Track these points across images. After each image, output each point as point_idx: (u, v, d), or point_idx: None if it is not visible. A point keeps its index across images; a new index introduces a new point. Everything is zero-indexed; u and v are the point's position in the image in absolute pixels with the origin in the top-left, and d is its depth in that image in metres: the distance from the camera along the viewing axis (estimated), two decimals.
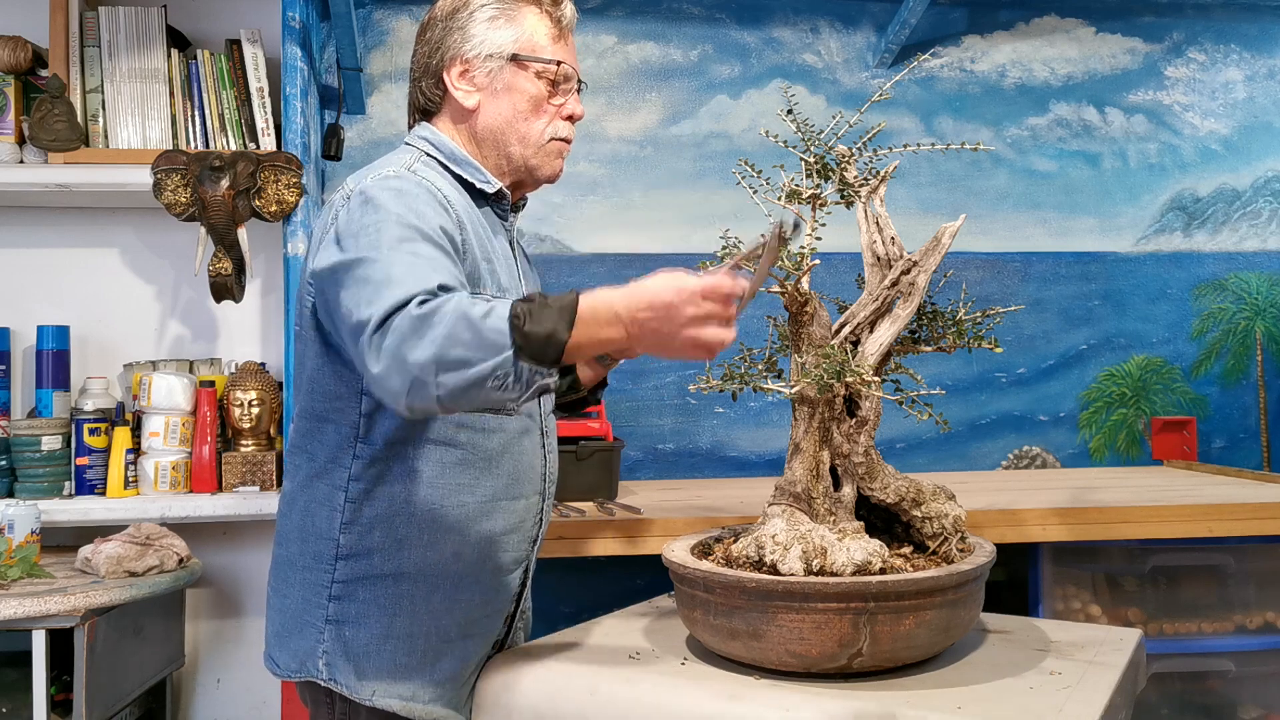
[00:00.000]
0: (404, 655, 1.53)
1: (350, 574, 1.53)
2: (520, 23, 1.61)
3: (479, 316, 1.26)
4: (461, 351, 1.25)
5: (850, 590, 1.43)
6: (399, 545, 1.53)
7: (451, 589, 1.55)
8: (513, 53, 1.60)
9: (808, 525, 1.55)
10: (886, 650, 1.45)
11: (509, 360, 1.25)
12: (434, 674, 1.54)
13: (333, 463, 1.54)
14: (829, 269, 3.16)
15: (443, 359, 1.25)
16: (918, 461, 3.10)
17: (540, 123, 1.61)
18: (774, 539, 1.53)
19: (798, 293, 1.60)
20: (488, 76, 1.60)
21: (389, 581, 1.53)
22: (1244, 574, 2.40)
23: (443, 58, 1.61)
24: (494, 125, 1.61)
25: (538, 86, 1.61)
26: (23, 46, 2.62)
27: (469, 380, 1.26)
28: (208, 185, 2.48)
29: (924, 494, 1.64)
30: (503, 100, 1.60)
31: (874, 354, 1.64)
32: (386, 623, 1.53)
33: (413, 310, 1.27)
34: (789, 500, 1.61)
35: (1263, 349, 3.30)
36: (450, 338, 1.25)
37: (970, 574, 1.50)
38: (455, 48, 1.60)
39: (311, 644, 1.54)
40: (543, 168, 1.64)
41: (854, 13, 3.20)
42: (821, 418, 1.62)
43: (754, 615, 1.47)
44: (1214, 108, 3.34)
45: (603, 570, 2.00)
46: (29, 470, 2.52)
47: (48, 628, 2.11)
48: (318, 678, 1.53)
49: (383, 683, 1.52)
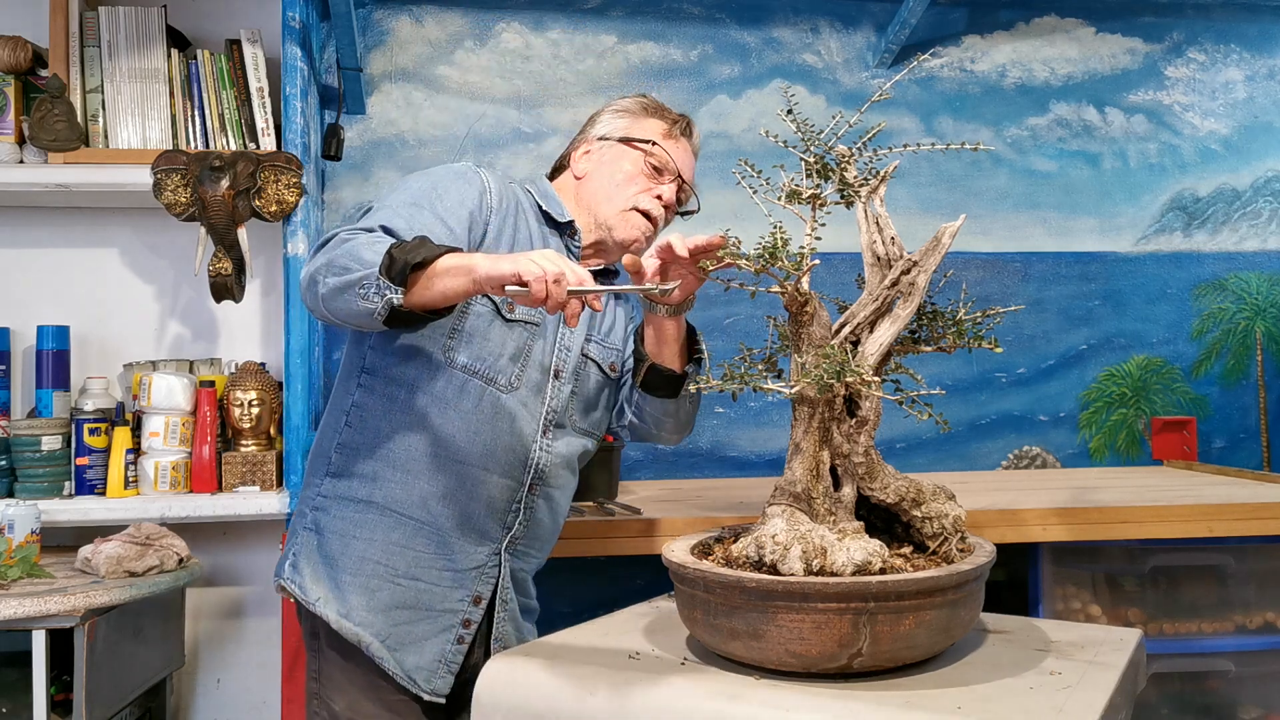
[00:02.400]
0: (350, 574, 1.69)
1: (332, 490, 1.73)
2: (640, 122, 1.88)
3: (370, 240, 1.50)
4: (348, 261, 1.49)
5: (850, 590, 1.42)
6: (375, 477, 1.70)
7: (411, 533, 1.70)
8: (622, 136, 1.86)
9: (808, 525, 1.55)
10: (886, 650, 1.45)
11: (373, 274, 1.46)
12: (372, 600, 1.68)
13: (343, 388, 1.76)
14: (829, 269, 3.17)
15: (333, 264, 1.51)
16: (918, 461, 3.10)
17: (630, 190, 1.83)
18: (774, 539, 1.53)
19: (798, 293, 1.60)
20: (599, 151, 1.87)
21: (360, 506, 1.71)
22: (1244, 574, 2.40)
23: (578, 142, 1.91)
24: (592, 188, 1.85)
25: (635, 163, 1.84)
26: (23, 46, 2.62)
27: (343, 283, 1.49)
28: (208, 185, 2.48)
29: (924, 494, 1.64)
30: (605, 169, 1.85)
31: (874, 354, 1.64)
32: (345, 542, 1.70)
33: (343, 232, 1.55)
34: (789, 500, 1.61)
35: (1263, 349, 3.30)
36: (348, 252, 1.50)
37: (970, 574, 1.50)
38: (586, 133, 1.91)
39: (294, 548, 1.75)
40: (619, 229, 1.82)
41: (854, 13, 3.20)
42: (821, 418, 1.62)
43: (754, 615, 1.47)
44: (1214, 108, 3.34)
45: (603, 570, 2.00)
46: (29, 470, 2.52)
47: (48, 628, 2.11)
48: (281, 577, 1.74)
49: (326, 592, 1.70)
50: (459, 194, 1.71)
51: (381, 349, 1.72)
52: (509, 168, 3.03)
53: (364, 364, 1.74)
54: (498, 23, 3.08)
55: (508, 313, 1.72)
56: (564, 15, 3.10)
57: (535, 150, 3.06)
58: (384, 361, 1.72)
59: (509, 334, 1.72)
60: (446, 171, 1.75)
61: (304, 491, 1.79)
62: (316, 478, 1.76)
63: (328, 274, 1.51)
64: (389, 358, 1.71)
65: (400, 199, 1.67)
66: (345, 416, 1.74)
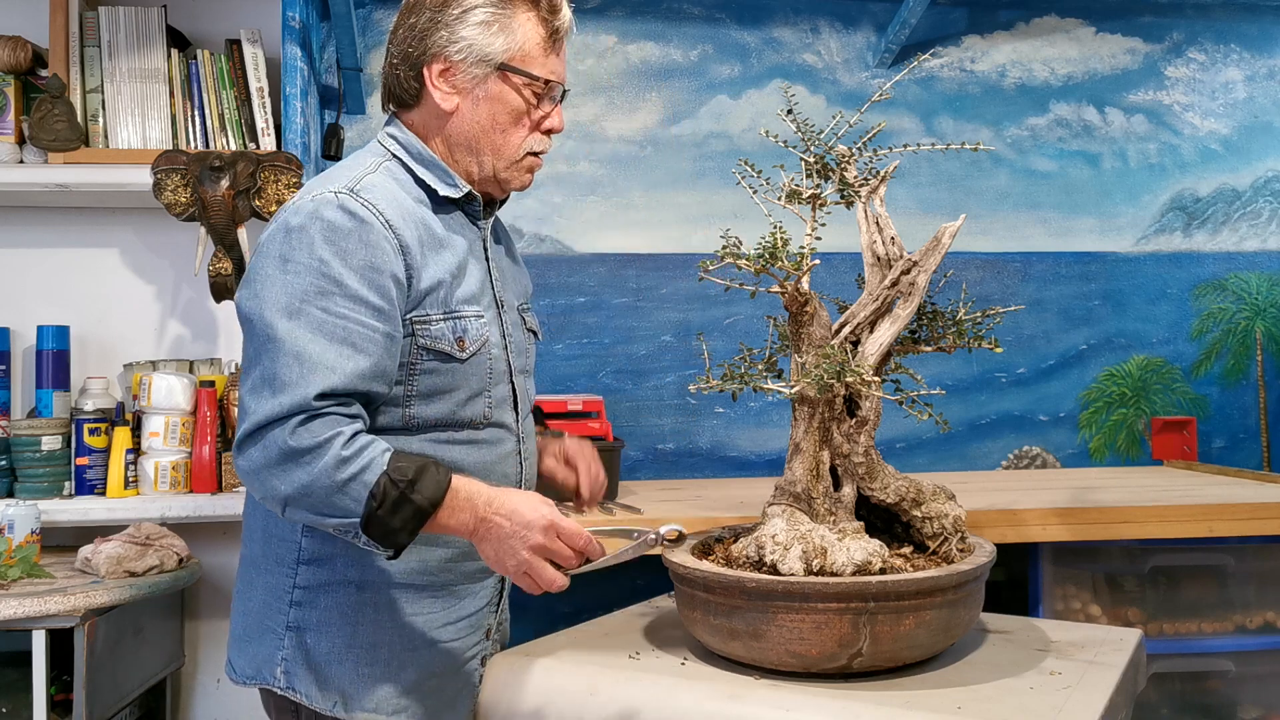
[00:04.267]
0: (367, 665, 1.49)
1: (312, 580, 1.49)
2: (514, 30, 1.51)
3: (344, 480, 1.31)
4: (314, 503, 1.32)
5: (850, 590, 1.43)
6: (362, 552, 1.47)
7: (415, 598, 1.52)
8: (501, 62, 1.51)
9: (808, 525, 1.55)
10: (887, 650, 1.45)
11: (355, 525, 1.33)
12: (399, 683, 1.50)
13: None
14: (829, 269, 3.16)
15: (295, 501, 1.33)
16: (918, 461, 3.10)
17: (518, 136, 1.55)
18: (774, 539, 1.53)
19: (798, 293, 1.60)
20: (470, 81, 1.52)
21: (352, 589, 1.49)
22: (1244, 574, 2.40)
23: (425, 51, 1.52)
24: (469, 132, 1.54)
25: (521, 100, 1.53)
26: (23, 46, 2.62)
27: (313, 523, 1.35)
28: (208, 185, 2.48)
29: (924, 494, 1.64)
30: (482, 108, 1.53)
31: (874, 354, 1.65)
32: (350, 631, 1.49)
33: (288, 439, 1.31)
34: (789, 500, 1.61)
35: (1263, 349, 3.30)
36: (309, 489, 1.31)
37: (970, 574, 1.50)
38: (440, 46, 1.51)
39: (270, 650, 1.50)
40: (513, 181, 1.59)
41: (854, 13, 3.20)
42: (821, 418, 1.62)
43: (754, 615, 1.47)
44: (1214, 108, 3.34)
45: (602, 570, 2.01)
46: (29, 470, 2.52)
47: (48, 628, 2.11)
48: (274, 686, 1.49)
49: (346, 693, 1.48)
50: (362, 264, 1.40)
51: None
52: None
53: None
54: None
55: (459, 351, 1.49)
56: None
57: None
58: None
59: (469, 370, 1.51)
60: (325, 243, 1.39)
61: (260, 579, 1.52)
62: (283, 567, 1.50)
63: (291, 506, 1.34)
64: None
65: (301, 331, 1.36)
66: None
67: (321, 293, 1.37)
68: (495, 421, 1.55)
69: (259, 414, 1.33)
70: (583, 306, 3.06)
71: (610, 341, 3.05)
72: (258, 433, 1.33)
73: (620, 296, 3.07)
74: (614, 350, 3.06)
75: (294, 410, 1.32)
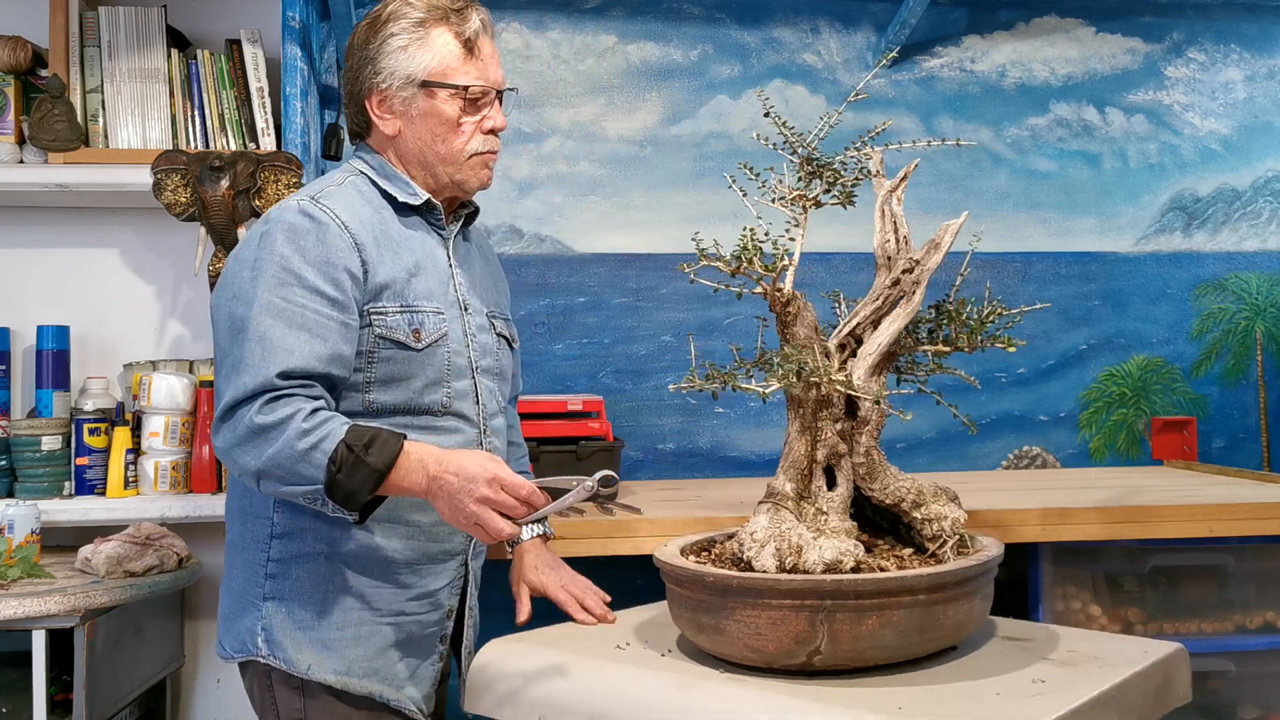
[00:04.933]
0: (336, 630, 1.61)
1: (284, 552, 1.62)
2: (430, 47, 1.65)
3: (305, 449, 1.44)
4: (282, 473, 1.46)
5: (804, 587, 1.43)
6: (330, 525, 1.60)
7: (381, 571, 1.63)
8: (423, 80, 1.65)
9: (789, 524, 1.56)
10: (848, 650, 1.45)
11: (319, 491, 1.46)
12: (366, 649, 1.62)
13: None
14: (829, 269, 3.17)
15: (266, 473, 1.47)
16: (918, 461, 3.10)
17: (459, 142, 1.68)
18: (752, 536, 1.55)
19: (779, 293, 1.62)
20: (404, 104, 1.67)
21: (321, 560, 1.61)
22: (1244, 574, 2.40)
23: (361, 87, 1.68)
24: (415, 149, 1.69)
25: (452, 108, 1.66)
26: (23, 46, 2.62)
27: (284, 493, 1.49)
28: (208, 185, 2.48)
29: (924, 496, 1.63)
30: (419, 125, 1.67)
31: (872, 353, 1.65)
32: (320, 599, 1.61)
33: (254, 417, 1.46)
34: (777, 499, 1.62)
35: (1263, 349, 3.30)
36: (275, 460, 1.45)
37: (946, 577, 1.47)
38: (371, 79, 1.67)
39: (251, 623, 1.62)
40: (469, 181, 1.71)
41: (854, 13, 3.20)
42: (813, 417, 1.63)
43: (716, 610, 1.49)
44: (1214, 108, 3.34)
45: (603, 570, 2.01)
46: (29, 470, 2.52)
47: (48, 628, 2.11)
48: (257, 655, 1.61)
49: (317, 656, 1.60)
50: (318, 259, 1.55)
51: None
52: (508, 168, 3.03)
53: None
54: (498, 22, 3.08)
55: (415, 342, 1.63)
56: (564, 15, 3.10)
57: (535, 150, 3.06)
58: None
59: (426, 359, 1.64)
60: (286, 242, 1.55)
61: (239, 557, 1.66)
62: (258, 543, 1.63)
63: (263, 479, 1.47)
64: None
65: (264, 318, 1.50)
66: None
67: (282, 284, 1.52)
68: (454, 411, 1.68)
69: (228, 395, 1.48)
70: (583, 306, 3.06)
71: (610, 341, 3.05)
72: (228, 413, 1.48)
73: (620, 296, 3.07)
74: (614, 350, 3.06)
75: (259, 389, 1.47)
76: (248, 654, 1.62)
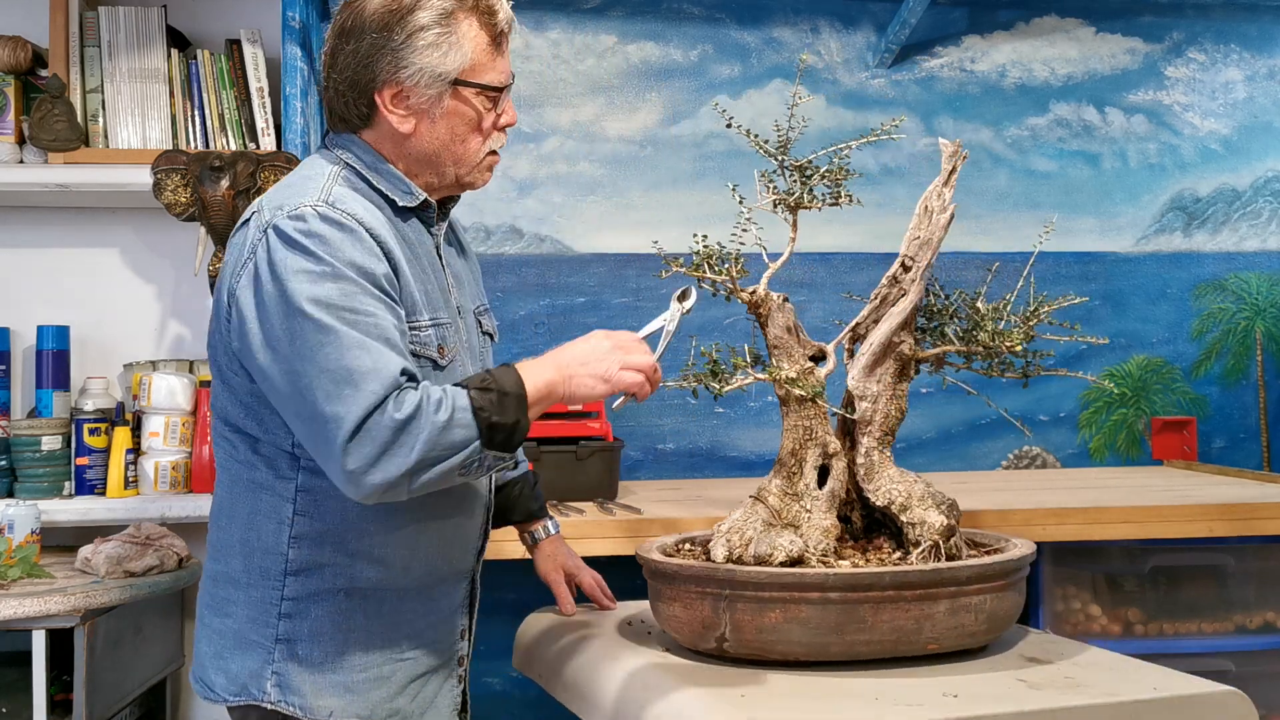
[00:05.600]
0: (359, 672, 1.50)
1: (301, 590, 1.49)
2: (461, 44, 1.49)
3: (446, 419, 1.33)
4: (437, 454, 1.33)
5: (704, 575, 1.52)
6: (351, 560, 1.49)
7: (397, 601, 1.53)
8: (455, 79, 1.50)
9: (756, 518, 1.60)
10: (752, 640, 1.50)
11: (476, 450, 1.36)
12: (388, 689, 1.53)
13: (276, 475, 1.49)
14: (829, 269, 3.17)
15: (421, 463, 1.33)
16: (918, 461, 3.10)
17: (476, 142, 1.55)
18: (719, 529, 1.62)
19: (750, 295, 1.66)
20: (426, 102, 1.50)
21: (341, 597, 1.50)
22: (1244, 574, 2.40)
23: (374, 78, 1.49)
24: (429, 149, 1.53)
25: (477, 109, 1.53)
26: (23, 46, 2.62)
27: (440, 474, 1.35)
28: (208, 185, 2.48)
29: (911, 500, 1.63)
30: (440, 125, 1.52)
31: (865, 353, 1.69)
32: (341, 639, 1.50)
33: (392, 415, 1.32)
34: (758, 495, 1.66)
35: (1263, 349, 3.30)
36: (428, 443, 1.32)
37: (857, 579, 1.47)
38: (389, 72, 1.48)
39: (258, 665, 1.49)
40: (477, 181, 1.60)
41: (854, 13, 3.20)
42: (801, 416, 1.65)
43: (656, 594, 1.63)
44: (1214, 108, 3.34)
45: (603, 570, 2.01)
46: (29, 470, 2.52)
47: (48, 628, 2.11)
48: (263, 701, 1.48)
49: (339, 700, 1.49)
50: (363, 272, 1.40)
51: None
52: (508, 168, 3.03)
53: (303, 449, 1.46)
54: None
55: (440, 358, 1.52)
56: (564, 15, 3.10)
57: (535, 150, 3.06)
58: None
59: (448, 377, 1.52)
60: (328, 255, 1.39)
61: (241, 594, 1.51)
62: (268, 579, 1.49)
63: (418, 471, 1.34)
64: None
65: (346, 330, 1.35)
66: (291, 507, 1.48)
67: (346, 295, 1.37)
68: None
69: (354, 411, 1.32)
70: (583, 306, 3.06)
71: None
72: (359, 429, 1.32)
73: (620, 296, 3.07)
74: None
75: (387, 391, 1.33)
76: (249, 699, 1.49)
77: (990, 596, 1.53)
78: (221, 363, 1.51)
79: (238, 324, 1.42)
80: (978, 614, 1.52)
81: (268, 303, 1.38)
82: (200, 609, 1.57)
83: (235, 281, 1.44)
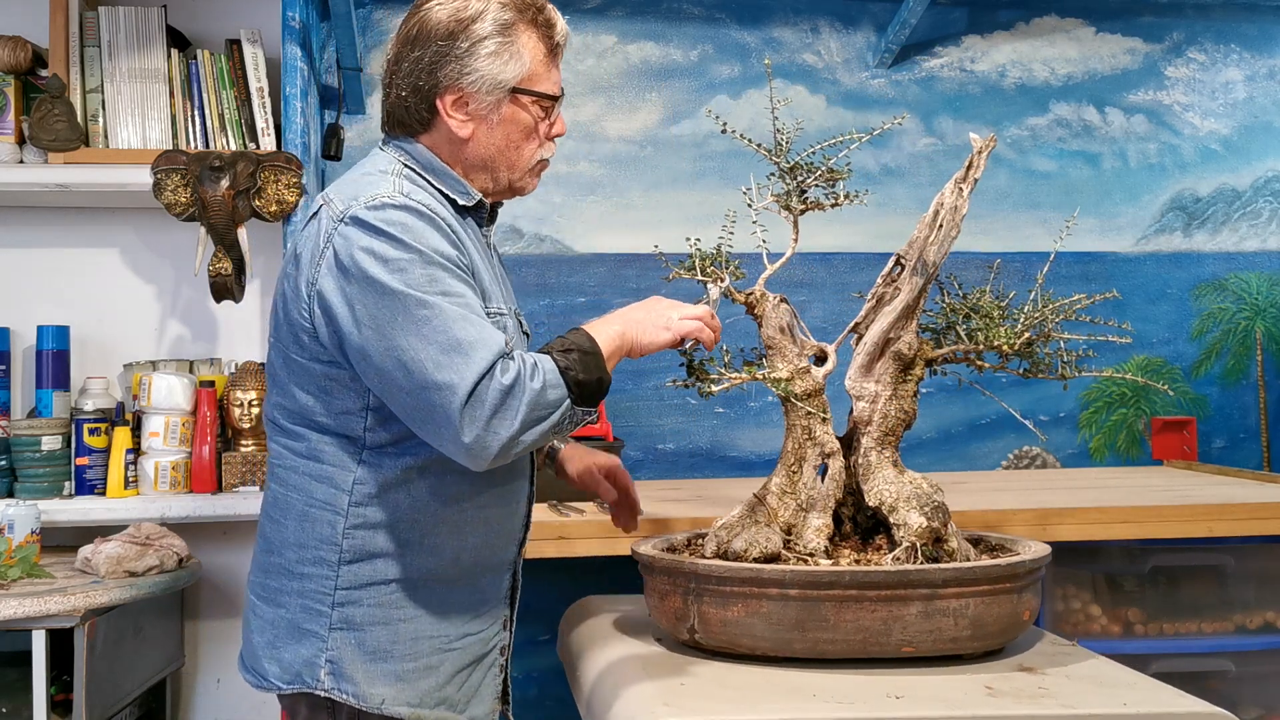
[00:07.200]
0: (410, 661, 1.54)
1: (355, 580, 1.53)
2: (521, 54, 1.58)
3: (541, 384, 1.43)
4: (539, 414, 1.43)
5: (673, 568, 1.59)
6: (403, 549, 1.54)
7: (446, 591, 1.58)
8: (513, 87, 1.58)
9: (752, 518, 1.65)
10: (718, 633, 1.55)
11: (568, 408, 1.45)
12: (437, 678, 1.56)
13: (335, 467, 1.53)
14: (829, 269, 3.17)
15: (526, 424, 1.42)
16: (918, 461, 3.10)
17: (530, 149, 1.63)
18: (715, 527, 1.69)
19: (739, 295, 1.69)
20: (485, 108, 1.58)
21: (393, 586, 1.54)
22: (1244, 574, 2.40)
23: (437, 84, 1.56)
24: (486, 154, 1.61)
25: (532, 117, 1.61)
26: (23, 46, 2.62)
27: (540, 434, 1.44)
28: (208, 185, 2.48)
29: (897, 503, 1.63)
30: (497, 131, 1.59)
31: (861, 352, 1.70)
32: (393, 629, 1.54)
33: (500, 380, 1.40)
34: (757, 494, 1.69)
35: (1263, 349, 3.30)
36: (531, 405, 1.42)
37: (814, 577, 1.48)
38: (452, 78, 1.56)
39: (312, 653, 1.52)
40: (528, 187, 1.67)
41: (854, 13, 3.20)
42: (798, 416, 1.67)
43: (645, 585, 1.70)
44: (1214, 108, 3.34)
45: (603, 570, 2.01)
46: (29, 470, 2.52)
47: (48, 628, 2.11)
48: (316, 688, 1.51)
49: (391, 689, 1.53)
50: (447, 256, 1.48)
51: (381, 426, 1.53)
52: None
53: (364, 442, 1.53)
54: None
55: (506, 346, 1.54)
56: (564, 15, 3.09)
57: None
58: (390, 433, 1.53)
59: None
60: (415, 241, 1.46)
61: (293, 584, 1.55)
62: (325, 569, 1.53)
63: (524, 432, 1.42)
64: (394, 427, 1.52)
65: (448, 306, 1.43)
66: (347, 498, 1.53)
67: (436, 277, 1.45)
68: None
69: (468, 378, 1.39)
70: (583, 306, 3.06)
71: None
72: (471, 395, 1.40)
73: (620, 296, 3.07)
74: None
75: (495, 359, 1.41)
76: (303, 685, 1.52)
77: (973, 601, 1.50)
78: (289, 352, 1.54)
79: (323, 311, 1.47)
80: (958, 618, 1.49)
81: (359, 285, 1.44)
82: (252, 600, 1.61)
83: (315, 271, 1.49)
